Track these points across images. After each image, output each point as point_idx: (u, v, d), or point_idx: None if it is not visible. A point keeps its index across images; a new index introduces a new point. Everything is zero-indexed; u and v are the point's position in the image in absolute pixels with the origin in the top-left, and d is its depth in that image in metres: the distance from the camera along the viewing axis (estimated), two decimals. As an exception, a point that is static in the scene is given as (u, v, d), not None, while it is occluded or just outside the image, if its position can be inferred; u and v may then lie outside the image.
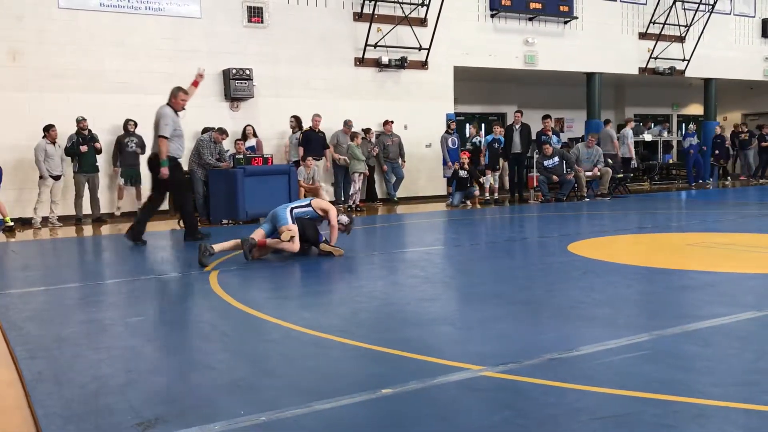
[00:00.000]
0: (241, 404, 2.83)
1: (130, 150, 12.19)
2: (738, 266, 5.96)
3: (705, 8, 18.84)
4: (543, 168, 14.01)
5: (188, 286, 5.80)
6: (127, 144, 12.20)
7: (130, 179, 12.28)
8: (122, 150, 12.22)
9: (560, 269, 6.10)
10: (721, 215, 11.02)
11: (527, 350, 3.47)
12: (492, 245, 8.12)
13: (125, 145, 12.20)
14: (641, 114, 22.78)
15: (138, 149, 12.19)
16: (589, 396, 2.83)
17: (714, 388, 2.88)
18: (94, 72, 12.33)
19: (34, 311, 4.87)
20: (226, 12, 13.46)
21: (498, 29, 16.61)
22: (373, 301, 5.02)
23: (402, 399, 2.85)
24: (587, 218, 11.05)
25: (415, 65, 15.38)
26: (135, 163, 12.18)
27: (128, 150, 12.19)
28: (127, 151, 12.19)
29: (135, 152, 12.19)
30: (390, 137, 14.51)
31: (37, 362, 3.54)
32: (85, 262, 8.04)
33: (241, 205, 10.61)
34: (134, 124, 12.23)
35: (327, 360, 3.51)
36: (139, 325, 4.34)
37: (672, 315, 4.26)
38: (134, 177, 12.26)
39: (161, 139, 8.22)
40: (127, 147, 12.19)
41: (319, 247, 6.95)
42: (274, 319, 4.37)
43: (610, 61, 18.24)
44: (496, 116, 20.08)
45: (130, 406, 2.84)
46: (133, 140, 12.23)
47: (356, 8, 14.78)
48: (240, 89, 13.32)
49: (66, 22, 12.13)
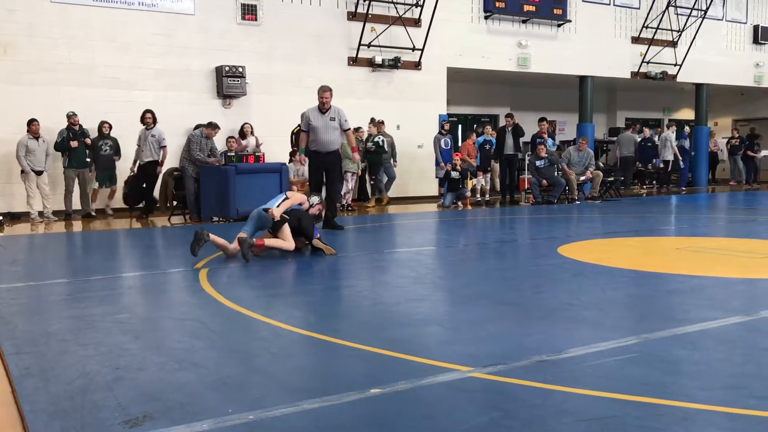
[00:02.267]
0: (229, 402, 2.82)
1: (104, 153, 11.98)
2: (726, 270, 6.00)
3: (697, 14, 18.96)
4: (534, 168, 14.05)
5: (177, 283, 5.79)
6: (101, 147, 11.97)
7: (106, 182, 12.13)
8: (96, 153, 11.93)
9: (550, 271, 6.12)
10: (710, 220, 11.08)
11: (515, 352, 3.49)
12: (482, 247, 8.14)
13: (99, 149, 11.95)
14: (633, 118, 22.89)
15: (111, 152, 11.98)
16: (576, 398, 2.84)
17: (700, 392, 2.90)
18: (85, 66, 12.28)
19: (22, 306, 4.85)
20: (219, 9, 13.43)
21: (491, 31, 16.65)
22: (362, 300, 5.02)
23: (390, 399, 2.86)
24: (577, 221, 11.09)
25: (408, 65, 15.40)
26: (111, 166, 12.02)
27: (102, 153, 11.97)
28: (101, 154, 11.96)
29: (110, 156, 11.99)
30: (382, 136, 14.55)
31: (24, 358, 3.52)
32: (74, 257, 8.00)
33: (232, 202, 10.58)
34: (109, 126, 12.04)
35: (316, 359, 3.51)
36: (128, 322, 4.32)
37: (660, 318, 4.28)
38: (109, 179, 12.12)
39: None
40: (101, 150, 11.97)
41: (312, 242, 6.95)
42: (263, 317, 4.36)
43: (603, 65, 18.32)
44: (488, 118, 20.14)
45: (117, 403, 2.83)
46: (107, 143, 12.02)
47: (350, 7, 14.78)
48: (233, 87, 13.29)
49: (58, 15, 12.07)
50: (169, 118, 12.70)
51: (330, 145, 8.90)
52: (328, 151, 8.90)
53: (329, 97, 8.86)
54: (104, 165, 12.00)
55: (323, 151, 8.91)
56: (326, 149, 8.90)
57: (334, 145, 8.93)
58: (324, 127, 8.84)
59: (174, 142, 12.31)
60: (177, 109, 12.89)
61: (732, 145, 20.61)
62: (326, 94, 8.85)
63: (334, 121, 8.85)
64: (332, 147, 8.93)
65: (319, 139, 8.87)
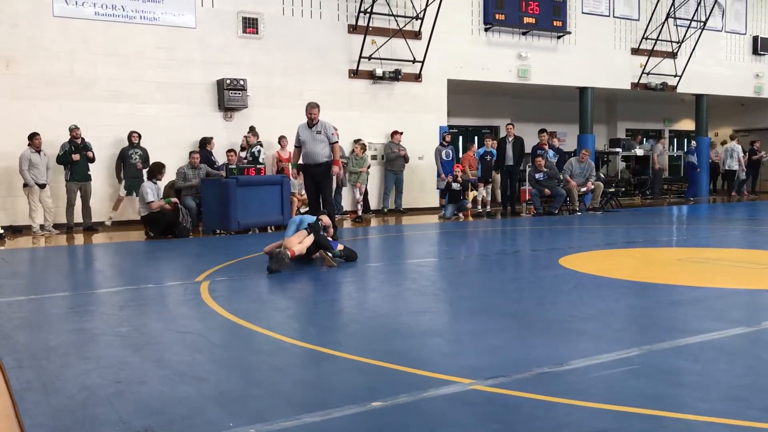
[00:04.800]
0: (230, 416, 2.82)
1: (133, 162, 12.13)
2: (727, 281, 5.99)
3: (697, 25, 19.02)
4: (535, 181, 14.07)
5: (179, 296, 5.78)
6: (130, 156, 12.16)
7: (134, 190, 12.17)
8: (125, 162, 12.17)
9: (551, 283, 6.11)
10: (711, 230, 11.08)
11: (517, 364, 3.48)
12: (484, 258, 8.14)
13: (129, 157, 12.15)
14: (633, 129, 22.93)
15: (141, 161, 12.11)
16: (578, 410, 2.83)
17: (702, 403, 2.90)
18: (87, 80, 12.33)
19: (23, 320, 4.85)
20: (221, 22, 13.50)
21: (491, 43, 16.71)
22: (363, 312, 5.02)
23: (392, 412, 2.85)
24: (578, 232, 11.09)
25: (408, 78, 15.45)
26: (138, 175, 12.09)
27: (131, 162, 12.13)
28: (130, 162, 12.13)
29: (137, 165, 12.10)
30: (397, 146, 14.74)
31: (26, 371, 3.52)
32: (75, 270, 8.00)
33: (233, 215, 10.59)
34: (138, 136, 12.22)
35: (317, 372, 3.50)
36: (129, 335, 4.32)
37: (661, 330, 4.27)
38: (136, 188, 12.17)
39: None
40: (131, 159, 12.14)
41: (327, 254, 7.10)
42: (264, 330, 4.36)
43: (603, 76, 18.37)
44: (489, 129, 20.18)
45: (118, 417, 2.82)
46: (137, 152, 12.18)
47: (351, 20, 14.84)
48: (234, 99, 13.34)
49: (60, 30, 12.13)
50: (170, 131, 12.75)
51: (317, 157, 9.27)
52: (316, 163, 9.30)
53: (317, 113, 9.31)
54: (133, 173, 12.10)
55: (312, 164, 9.33)
56: (314, 161, 9.30)
57: (321, 157, 9.28)
58: (312, 141, 9.28)
59: (175, 155, 12.35)
60: (178, 122, 12.94)
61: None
62: (314, 110, 9.30)
63: (321, 134, 9.27)
64: (320, 159, 9.27)
65: (307, 152, 9.33)
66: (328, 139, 9.32)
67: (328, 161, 9.34)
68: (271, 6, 14.00)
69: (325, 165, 9.32)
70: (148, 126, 12.55)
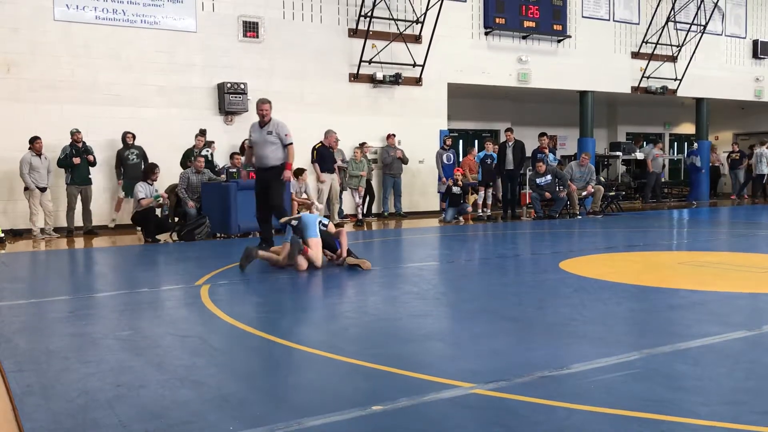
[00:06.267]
0: (230, 420, 2.82)
1: (132, 162, 12.14)
2: (728, 285, 5.99)
3: (697, 29, 19.04)
4: (536, 185, 14.07)
5: (179, 299, 5.78)
6: (127, 157, 12.17)
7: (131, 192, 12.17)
8: (123, 163, 12.17)
9: (552, 286, 6.11)
10: (712, 234, 11.07)
11: (518, 367, 3.48)
12: (484, 262, 8.13)
13: (126, 158, 12.16)
14: (633, 132, 22.93)
15: (139, 161, 12.12)
16: (579, 414, 2.83)
17: (703, 407, 2.89)
18: (88, 84, 12.35)
19: (24, 324, 4.85)
20: (221, 26, 13.53)
21: (492, 47, 16.74)
22: (364, 316, 5.02)
23: (392, 416, 2.85)
24: (579, 236, 11.08)
25: (409, 81, 15.47)
26: (137, 175, 12.09)
27: (129, 162, 12.14)
28: (129, 163, 12.14)
29: (137, 165, 12.09)
30: (393, 149, 14.73)
31: (26, 375, 3.51)
32: (76, 274, 8.00)
33: (234, 219, 10.60)
34: (132, 136, 12.21)
35: (317, 376, 3.50)
36: (129, 339, 4.32)
37: (662, 333, 4.27)
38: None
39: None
40: (128, 160, 12.15)
41: (346, 260, 7.20)
42: (265, 334, 4.36)
43: (603, 80, 18.39)
44: (489, 133, 20.18)
45: (118, 421, 2.82)
46: (134, 152, 12.19)
47: (351, 24, 14.87)
48: (234, 103, 13.36)
49: (61, 34, 12.16)
50: (171, 135, 12.75)
51: (266, 161, 8.27)
52: (265, 167, 8.30)
53: (268, 109, 8.31)
54: (132, 174, 12.04)
55: (261, 167, 8.36)
56: (262, 164, 8.31)
57: (271, 160, 8.26)
58: (262, 142, 8.28)
59: (176, 159, 12.35)
60: (179, 126, 12.95)
61: (732, 159, 20.64)
62: (264, 106, 8.30)
63: (272, 135, 8.24)
64: (269, 162, 8.26)
65: (256, 154, 8.36)
66: (281, 140, 8.26)
67: (278, 165, 8.28)
68: (271, 10, 14.03)
69: (274, 169, 8.27)
70: (149, 130, 12.57)
